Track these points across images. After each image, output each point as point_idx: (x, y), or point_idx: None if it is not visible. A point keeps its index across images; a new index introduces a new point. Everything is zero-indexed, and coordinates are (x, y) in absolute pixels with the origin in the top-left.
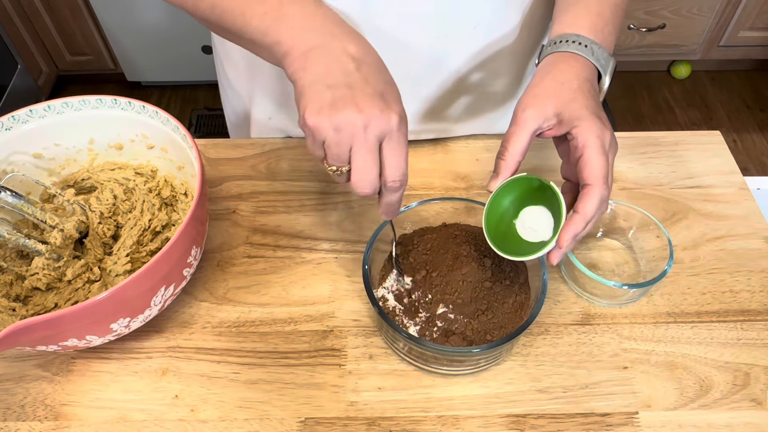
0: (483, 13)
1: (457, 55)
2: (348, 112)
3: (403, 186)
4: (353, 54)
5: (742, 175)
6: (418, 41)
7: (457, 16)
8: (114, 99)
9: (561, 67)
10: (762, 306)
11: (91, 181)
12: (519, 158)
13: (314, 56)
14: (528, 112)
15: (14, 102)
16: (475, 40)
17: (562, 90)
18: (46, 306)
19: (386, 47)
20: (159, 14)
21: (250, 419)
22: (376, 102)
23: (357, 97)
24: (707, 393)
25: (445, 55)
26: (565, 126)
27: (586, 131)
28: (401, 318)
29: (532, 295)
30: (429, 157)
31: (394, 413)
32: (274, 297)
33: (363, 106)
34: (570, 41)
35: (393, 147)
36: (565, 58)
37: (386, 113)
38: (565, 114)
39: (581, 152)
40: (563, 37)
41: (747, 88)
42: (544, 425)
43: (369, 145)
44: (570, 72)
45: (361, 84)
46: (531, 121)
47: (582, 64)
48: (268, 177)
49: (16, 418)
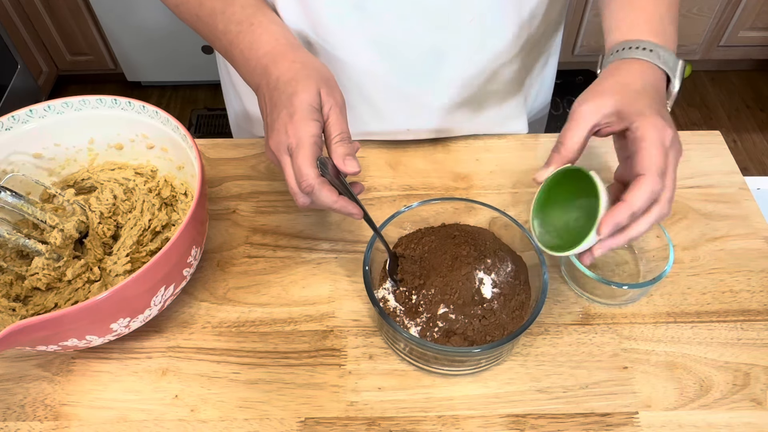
0: (480, 8)
1: (456, 51)
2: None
3: (307, 189)
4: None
5: (742, 175)
6: (415, 36)
7: (455, 10)
8: (114, 99)
9: (625, 69)
10: (762, 306)
11: (91, 181)
12: (574, 154)
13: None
14: (585, 107)
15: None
16: (472, 35)
17: (625, 89)
18: (46, 306)
19: (384, 44)
20: (159, 14)
21: (250, 419)
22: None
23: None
24: (707, 393)
25: (443, 51)
26: (625, 121)
27: (646, 125)
28: (402, 318)
29: (533, 295)
30: (429, 157)
31: (394, 413)
32: (274, 297)
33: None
34: (633, 47)
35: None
36: (629, 63)
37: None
38: (626, 110)
39: (638, 145)
40: (624, 45)
41: (747, 88)
42: (544, 425)
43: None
44: (634, 74)
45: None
46: (589, 116)
47: (647, 68)
48: (268, 177)
49: (16, 418)
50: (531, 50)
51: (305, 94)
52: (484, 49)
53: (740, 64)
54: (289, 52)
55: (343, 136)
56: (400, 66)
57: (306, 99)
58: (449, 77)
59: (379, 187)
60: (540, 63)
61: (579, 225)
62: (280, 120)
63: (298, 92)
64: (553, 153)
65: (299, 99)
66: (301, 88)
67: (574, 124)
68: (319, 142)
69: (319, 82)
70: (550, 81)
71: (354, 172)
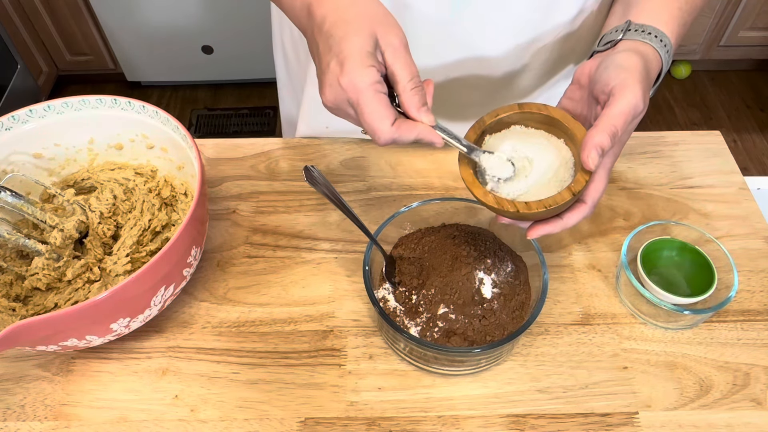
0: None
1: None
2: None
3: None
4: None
5: (742, 175)
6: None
7: None
8: (114, 99)
9: (646, 56)
10: (762, 306)
11: (91, 181)
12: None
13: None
14: (627, 102)
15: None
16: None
17: (646, 78)
18: (46, 306)
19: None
20: (159, 14)
21: (250, 419)
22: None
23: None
24: (707, 393)
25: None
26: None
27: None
28: (402, 318)
29: (533, 295)
30: (429, 157)
31: (394, 413)
32: (274, 297)
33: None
34: (653, 35)
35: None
36: (649, 50)
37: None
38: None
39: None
40: (648, 29)
41: (747, 88)
42: (544, 425)
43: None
44: (651, 64)
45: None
46: (625, 114)
47: (657, 60)
48: (268, 177)
49: (16, 418)
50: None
51: (357, 37)
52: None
53: (740, 64)
54: None
55: (415, 82)
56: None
57: (358, 43)
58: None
59: (379, 187)
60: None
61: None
62: (330, 72)
63: (348, 35)
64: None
65: (350, 43)
66: (352, 30)
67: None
68: (382, 88)
69: (373, 21)
70: None
71: (430, 124)
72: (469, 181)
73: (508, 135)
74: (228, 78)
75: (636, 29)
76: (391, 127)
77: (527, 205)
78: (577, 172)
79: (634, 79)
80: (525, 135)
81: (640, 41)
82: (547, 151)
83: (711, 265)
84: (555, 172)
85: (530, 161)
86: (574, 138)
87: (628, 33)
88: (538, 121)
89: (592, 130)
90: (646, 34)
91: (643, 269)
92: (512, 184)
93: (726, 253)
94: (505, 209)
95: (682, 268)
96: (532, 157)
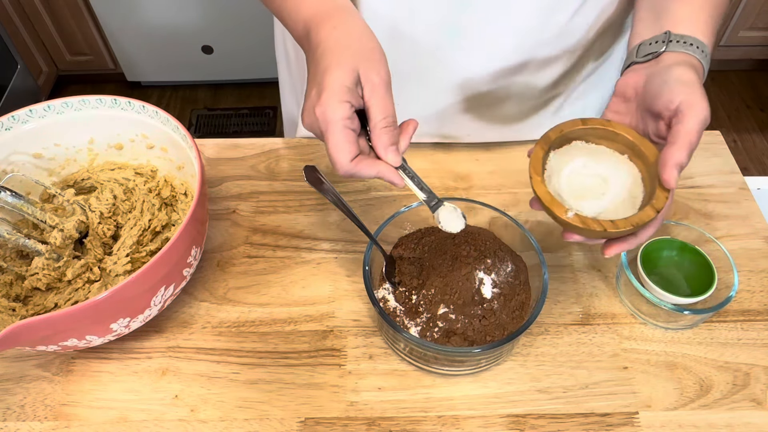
0: None
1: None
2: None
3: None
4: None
5: (742, 175)
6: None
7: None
8: (114, 99)
9: (695, 69)
10: (762, 306)
11: (91, 181)
12: None
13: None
14: (696, 121)
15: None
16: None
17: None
18: (46, 306)
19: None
20: (159, 14)
21: (250, 419)
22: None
23: None
24: (707, 393)
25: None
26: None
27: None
28: (402, 318)
29: (533, 295)
30: (429, 157)
31: (394, 413)
32: (274, 297)
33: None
34: (696, 46)
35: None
36: (694, 62)
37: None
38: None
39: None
40: (683, 38)
41: (747, 88)
42: (544, 425)
43: None
44: (700, 78)
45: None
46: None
47: (699, 69)
48: (268, 177)
49: (16, 418)
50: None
51: (339, 70)
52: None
53: (740, 64)
54: (333, 15)
55: (387, 122)
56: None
57: (338, 77)
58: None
59: (379, 187)
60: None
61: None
62: (309, 99)
63: (331, 67)
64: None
65: (331, 76)
66: (335, 62)
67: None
68: (351, 123)
69: (358, 56)
70: None
71: (394, 165)
72: (547, 200)
73: (571, 151)
74: (228, 78)
75: (678, 40)
76: (350, 163)
77: (614, 223)
78: (653, 188)
79: (699, 95)
80: (591, 151)
81: (685, 53)
82: (618, 169)
83: (711, 265)
84: (629, 189)
85: (604, 179)
86: (640, 153)
87: (671, 44)
88: (599, 136)
89: (671, 149)
90: (688, 45)
91: (643, 269)
92: (588, 203)
93: (726, 253)
94: (591, 228)
95: (682, 268)
96: (606, 175)
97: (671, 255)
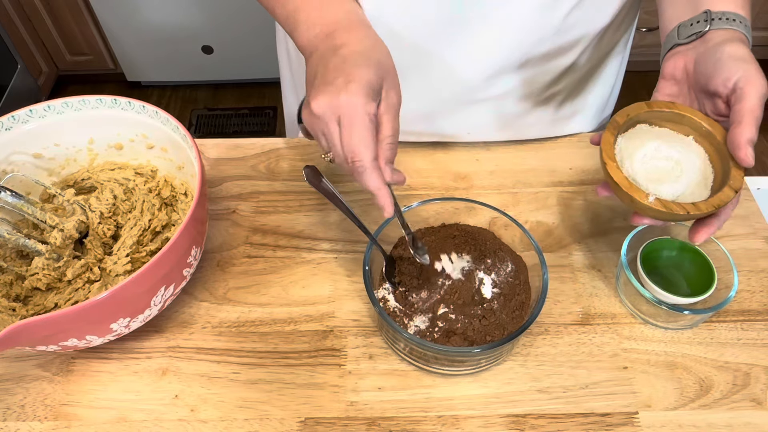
0: None
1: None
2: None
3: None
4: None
5: None
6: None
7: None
8: (114, 99)
9: (744, 43)
10: (762, 306)
11: (91, 181)
12: None
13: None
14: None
15: (14, 102)
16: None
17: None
18: (46, 306)
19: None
20: (159, 14)
21: (250, 419)
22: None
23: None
24: (707, 393)
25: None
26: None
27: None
28: (402, 318)
29: (533, 295)
30: (429, 157)
31: (394, 413)
32: (274, 297)
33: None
34: (731, 19)
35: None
36: (741, 37)
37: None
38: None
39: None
40: (725, 15)
41: None
42: (544, 425)
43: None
44: (747, 50)
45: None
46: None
47: (747, 44)
48: (268, 177)
49: (16, 418)
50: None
51: (370, 73)
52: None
53: None
54: (362, 28)
55: (393, 140)
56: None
57: (370, 78)
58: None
59: None
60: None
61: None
62: (334, 85)
63: (363, 67)
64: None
65: (363, 73)
66: (365, 65)
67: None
68: (376, 122)
69: (383, 71)
70: None
71: (397, 181)
72: (626, 186)
73: (639, 135)
74: (228, 78)
75: (720, 17)
76: (374, 161)
77: (696, 206)
78: (723, 168)
79: (755, 69)
80: (659, 134)
81: (730, 29)
82: (689, 151)
83: (711, 265)
84: (702, 171)
85: (677, 162)
86: (707, 134)
87: (714, 22)
88: (664, 119)
89: (739, 128)
90: (731, 21)
91: (643, 269)
92: (665, 187)
93: (726, 253)
94: (673, 212)
95: (682, 268)
96: (678, 158)
97: (671, 255)
